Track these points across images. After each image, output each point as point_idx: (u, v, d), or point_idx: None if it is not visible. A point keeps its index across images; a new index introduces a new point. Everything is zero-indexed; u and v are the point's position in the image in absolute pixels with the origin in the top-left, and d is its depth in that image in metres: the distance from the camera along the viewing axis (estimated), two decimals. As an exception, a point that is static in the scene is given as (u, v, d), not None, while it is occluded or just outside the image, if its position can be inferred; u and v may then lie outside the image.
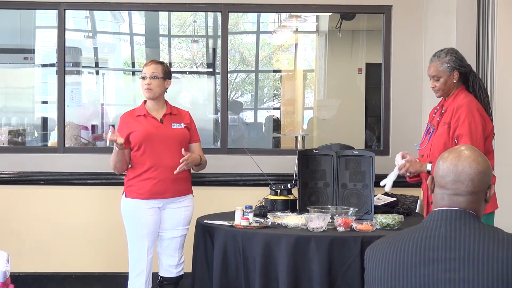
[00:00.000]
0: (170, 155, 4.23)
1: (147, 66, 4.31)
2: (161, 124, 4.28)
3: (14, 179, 5.51)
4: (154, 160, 4.21)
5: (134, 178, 4.25)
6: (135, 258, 4.24)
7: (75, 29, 8.02)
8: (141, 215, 4.22)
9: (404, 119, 5.56)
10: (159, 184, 4.22)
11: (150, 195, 4.22)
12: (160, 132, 4.25)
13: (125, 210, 4.29)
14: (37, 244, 5.50)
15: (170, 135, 4.26)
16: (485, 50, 4.85)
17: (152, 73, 4.27)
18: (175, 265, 4.35)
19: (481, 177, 2.12)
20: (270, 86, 9.80)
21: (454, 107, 3.72)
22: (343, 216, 3.88)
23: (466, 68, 3.81)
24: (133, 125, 4.27)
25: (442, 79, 3.80)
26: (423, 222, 2.16)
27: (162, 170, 4.22)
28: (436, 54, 3.85)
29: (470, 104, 3.70)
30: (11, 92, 7.48)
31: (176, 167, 4.19)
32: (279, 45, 9.54)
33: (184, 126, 4.34)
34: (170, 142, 4.25)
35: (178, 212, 4.32)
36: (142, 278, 4.23)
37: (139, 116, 4.31)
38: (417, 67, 5.56)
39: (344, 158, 4.38)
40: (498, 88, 4.72)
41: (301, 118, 9.04)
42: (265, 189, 4.55)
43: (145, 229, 4.21)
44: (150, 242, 4.24)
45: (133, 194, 4.24)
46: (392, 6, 5.61)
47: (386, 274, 2.10)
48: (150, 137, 4.22)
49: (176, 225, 4.32)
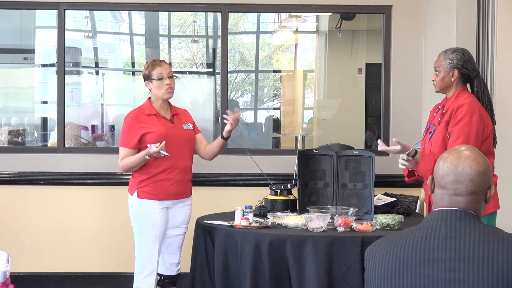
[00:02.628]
0: (184, 156, 4.25)
1: (161, 66, 4.25)
2: (173, 125, 4.27)
3: (14, 179, 5.51)
4: (170, 162, 4.18)
5: (148, 179, 4.19)
6: (145, 259, 4.21)
7: (75, 29, 8.02)
8: (154, 216, 4.19)
9: (404, 119, 5.56)
10: (175, 185, 4.22)
11: (166, 196, 4.20)
12: (174, 133, 4.22)
13: (137, 211, 4.23)
14: (37, 244, 5.50)
15: (183, 137, 4.27)
16: (485, 50, 4.85)
17: (169, 73, 4.27)
18: (176, 263, 4.37)
19: (481, 178, 2.12)
20: (270, 86, 9.80)
21: (454, 106, 3.71)
22: (343, 216, 3.88)
23: (470, 71, 3.77)
24: (146, 125, 4.20)
25: (441, 74, 3.79)
26: (423, 222, 2.16)
27: (178, 172, 4.21)
28: (446, 49, 3.85)
29: (471, 104, 3.68)
30: (11, 92, 7.48)
31: (188, 169, 4.26)
32: (279, 45, 9.53)
33: (192, 126, 4.37)
34: (184, 144, 4.26)
35: (182, 210, 4.33)
36: (152, 279, 4.22)
37: (150, 115, 4.24)
38: (417, 67, 5.56)
39: (344, 158, 4.38)
40: (498, 88, 4.72)
41: (301, 118, 9.04)
42: (265, 189, 4.55)
43: (158, 229, 4.20)
44: (160, 242, 4.24)
45: (147, 195, 4.19)
46: (392, 6, 5.60)
47: (386, 274, 2.10)
48: (166, 138, 4.14)
49: (180, 223, 4.33)
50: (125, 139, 4.23)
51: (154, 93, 4.28)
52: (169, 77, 4.26)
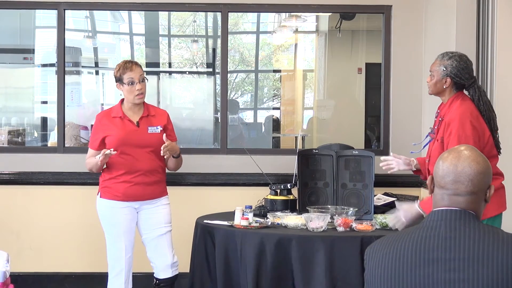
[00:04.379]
0: (145, 160, 4.22)
1: (132, 70, 4.20)
2: (137, 128, 4.23)
3: (14, 179, 5.51)
4: (129, 165, 4.20)
5: (109, 179, 4.25)
6: (113, 258, 4.26)
7: (75, 29, 8.02)
8: (116, 215, 4.24)
9: (404, 119, 5.56)
10: (134, 188, 4.22)
11: (125, 197, 4.23)
12: (135, 137, 4.21)
13: (100, 210, 4.31)
14: (37, 244, 5.50)
15: (146, 140, 4.22)
16: (485, 50, 4.84)
17: (140, 77, 4.20)
18: (170, 264, 4.32)
19: (481, 178, 2.13)
20: (270, 86, 9.79)
21: (446, 121, 3.63)
22: (343, 216, 3.88)
23: (464, 80, 3.69)
24: (108, 128, 4.24)
25: (434, 79, 3.75)
26: (423, 222, 2.16)
27: (137, 175, 4.22)
28: (444, 53, 3.79)
29: (462, 116, 3.59)
30: (11, 92, 7.48)
31: (150, 172, 4.23)
32: (279, 45, 9.53)
33: (160, 129, 4.27)
34: (146, 147, 4.22)
35: (155, 211, 4.31)
36: (121, 278, 4.23)
37: (115, 117, 4.25)
38: (417, 67, 5.56)
39: (344, 158, 4.38)
40: (498, 89, 4.72)
41: (301, 118, 9.04)
42: (265, 189, 4.56)
43: (120, 228, 4.23)
44: (127, 241, 4.24)
45: (108, 195, 4.26)
46: (392, 6, 5.60)
47: (386, 274, 2.10)
48: (126, 142, 4.18)
49: (156, 224, 4.30)
50: (90, 140, 4.38)
51: (125, 96, 4.27)
52: (140, 81, 4.20)
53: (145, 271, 4.74)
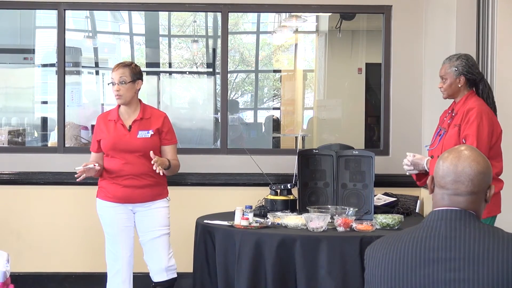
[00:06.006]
0: (135, 164, 4.22)
1: (114, 71, 4.23)
2: (127, 133, 4.24)
3: (14, 179, 5.51)
4: (119, 168, 4.23)
5: (103, 180, 4.31)
6: (111, 258, 4.28)
7: (75, 29, 8.02)
8: (111, 215, 4.27)
9: (404, 119, 5.56)
10: (123, 190, 4.24)
11: (116, 199, 4.26)
12: (125, 142, 4.22)
13: (97, 210, 4.36)
14: (37, 244, 5.50)
15: (135, 146, 4.22)
16: (485, 50, 4.84)
17: (120, 78, 4.20)
18: (165, 268, 4.28)
19: (481, 177, 2.12)
20: (270, 86, 9.79)
21: (464, 110, 3.80)
22: (343, 216, 3.88)
23: (475, 76, 3.88)
24: (103, 132, 4.29)
25: (448, 81, 3.90)
26: (423, 222, 2.16)
27: (126, 178, 4.23)
28: (449, 57, 3.96)
29: (480, 107, 3.78)
30: (11, 92, 7.48)
31: (140, 176, 4.24)
32: (279, 45, 9.53)
33: (151, 133, 4.24)
34: (135, 152, 4.22)
35: (149, 214, 4.29)
36: (118, 278, 4.24)
37: (110, 121, 4.29)
38: (417, 67, 5.56)
39: (344, 158, 4.38)
40: (498, 89, 4.71)
41: (301, 118, 9.04)
42: (265, 189, 4.56)
43: (116, 227, 4.25)
44: (124, 240, 4.25)
45: (102, 195, 4.31)
46: (392, 6, 5.60)
47: (386, 274, 2.10)
48: (115, 147, 4.23)
49: (151, 227, 4.29)
50: (91, 142, 4.45)
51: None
52: (120, 83, 4.20)
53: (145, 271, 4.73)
